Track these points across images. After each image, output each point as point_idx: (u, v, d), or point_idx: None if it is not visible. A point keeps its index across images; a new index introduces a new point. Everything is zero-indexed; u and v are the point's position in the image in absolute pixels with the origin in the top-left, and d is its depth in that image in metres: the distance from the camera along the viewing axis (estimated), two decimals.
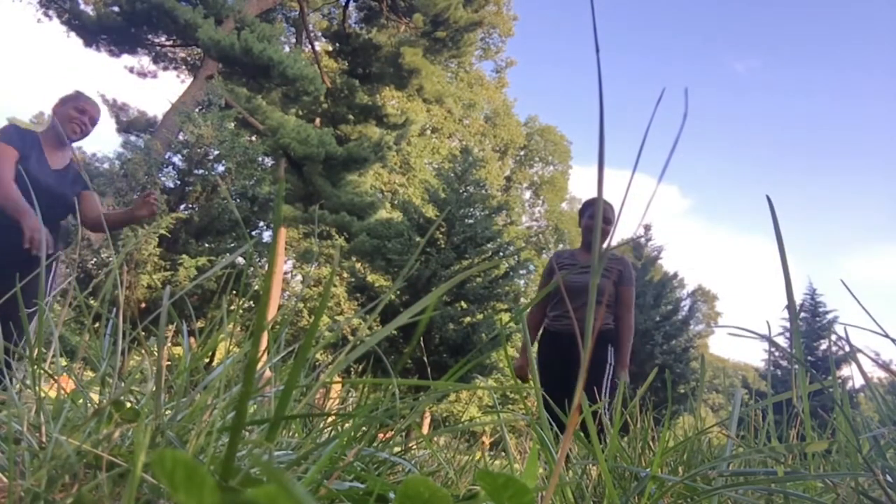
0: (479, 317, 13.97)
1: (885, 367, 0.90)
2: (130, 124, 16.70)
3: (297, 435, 0.96)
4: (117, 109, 16.86)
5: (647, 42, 62.25)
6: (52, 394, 0.77)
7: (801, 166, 65.64)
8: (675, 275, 19.72)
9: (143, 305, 10.32)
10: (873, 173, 62.52)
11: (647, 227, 18.89)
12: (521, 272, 16.48)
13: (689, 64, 59.71)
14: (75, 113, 2.85)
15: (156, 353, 0.77)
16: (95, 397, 0.79)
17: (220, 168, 11.93)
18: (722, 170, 68.99)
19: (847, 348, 0.85)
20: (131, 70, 18.93)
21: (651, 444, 1.15)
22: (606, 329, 3.14)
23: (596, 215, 0.48)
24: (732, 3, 57.79)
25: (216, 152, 11.70)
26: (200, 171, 11.62)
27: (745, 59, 62.32)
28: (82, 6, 15.00)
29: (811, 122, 62.87)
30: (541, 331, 3.36)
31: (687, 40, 60.57)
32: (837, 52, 60.13)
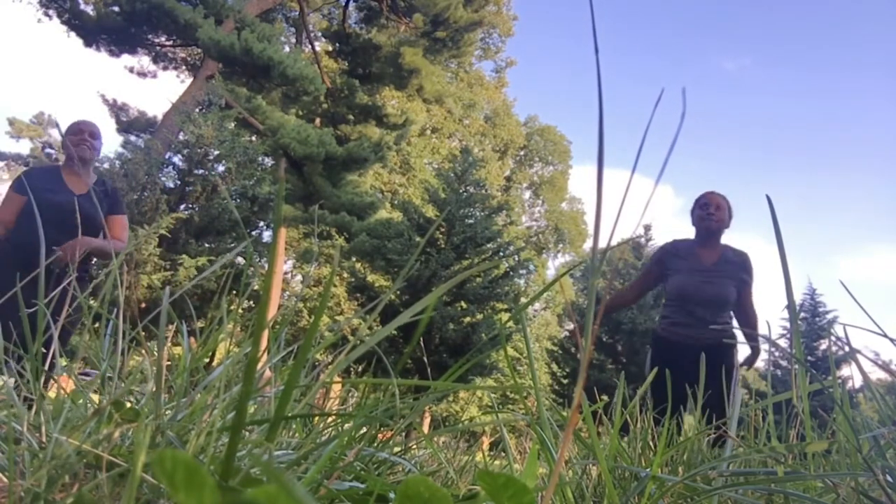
0: (479, 317, 13.96)
1: (885, 367, 0.90)
2: (130, 124, 16.69)
3: (297, 435, 0.96)
4: (117, 109, 16.85)
5: (638, 41, 62.06)
6: (52, 394, 0.77)
7: (797, 165, 65.30)
8: None
9: (143, 305, 10.32)
10: (872, 173, 62.33)
11: (647, 227, 18.87)
12: (521, 272, 16.47)
13: (679, 63, 59.38)
14: (74, 137, 3.09)
15: (156, 353, 0.77)
16: (95, 397, 0.79)
17: (221, 168, 11.93)
18: (716, 169, 68.52)
19: (847, 348, 0.85)
20: (131, 70, 18.97)
21: (651, 444, 1.15)
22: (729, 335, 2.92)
23: (595, 214, 0.48)
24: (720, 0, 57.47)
25: (216, 152, 11.70)
26: (200, 171, 11.62)
27: (736, 56, 61.99)
28: (82, 6, 14.99)
29: (807, 119, 62.51)
30: (654, 335, 3.16)
31: (677, 39, 60.27)
32: (832, 49, 59.94)
